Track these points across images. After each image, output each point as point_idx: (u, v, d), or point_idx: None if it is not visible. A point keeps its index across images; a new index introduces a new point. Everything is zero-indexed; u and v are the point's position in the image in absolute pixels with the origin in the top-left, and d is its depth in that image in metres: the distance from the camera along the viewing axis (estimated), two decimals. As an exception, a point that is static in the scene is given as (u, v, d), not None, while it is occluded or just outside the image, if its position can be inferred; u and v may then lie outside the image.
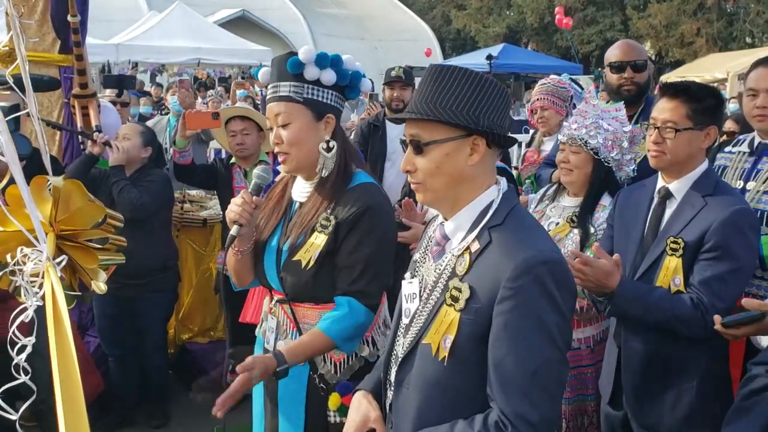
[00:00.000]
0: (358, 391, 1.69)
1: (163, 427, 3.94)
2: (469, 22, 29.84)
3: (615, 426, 2.35)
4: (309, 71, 1.91)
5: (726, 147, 2.70)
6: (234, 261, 2.05)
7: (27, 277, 0.94)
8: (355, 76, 2.00)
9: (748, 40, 24.68)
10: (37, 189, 1.02)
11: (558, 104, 3.85)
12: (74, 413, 0.79)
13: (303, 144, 1.92)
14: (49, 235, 1.00)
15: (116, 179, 3.53)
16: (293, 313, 1.98)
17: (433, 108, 1.41)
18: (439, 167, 1.42)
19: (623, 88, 3.04)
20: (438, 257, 1.50)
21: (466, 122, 1.39)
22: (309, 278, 1.91)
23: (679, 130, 2.14)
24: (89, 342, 3.99)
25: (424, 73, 1.49)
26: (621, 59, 3.06)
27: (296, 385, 1.99)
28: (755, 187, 2.45)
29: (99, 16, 14.51)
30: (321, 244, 1.90)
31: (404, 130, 1.48)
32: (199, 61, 15.55)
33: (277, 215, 2.06)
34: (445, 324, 1.40)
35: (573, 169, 2.64)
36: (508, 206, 1.44)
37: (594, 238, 2.57)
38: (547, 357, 1.32)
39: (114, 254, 1.21)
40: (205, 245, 4.59)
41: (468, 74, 1.43)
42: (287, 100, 1.92)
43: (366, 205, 1.90)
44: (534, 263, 1.32)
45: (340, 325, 1.88)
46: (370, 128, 4.68)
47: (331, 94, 1.96)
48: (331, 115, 1.96)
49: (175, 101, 5.46)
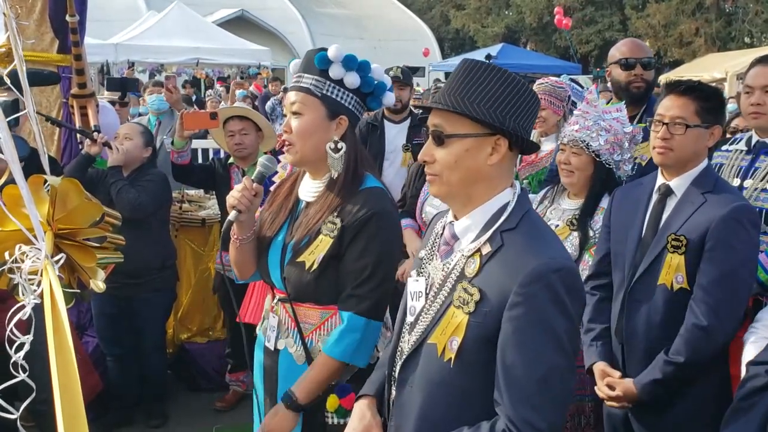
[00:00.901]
0: (362, 398, 1.68)
1: (162, 426, 3.94)
2: (467, 22, 29.85)
3: (617, 424, 2.35)
4: (334, 69, 1.91)
5: (723, 145, 2.71)
6: (234, 250, 2.05)
7: (25, 275, 0.94)
8: (379, 86, 1.99)
9: (747, 40, 24.70)
10: (34, 188, 1.02)
11: (555, 104, 3.85)
12: (73, 411, 0.79)
13: (309, 137, 1.91)
14: (47, 233, 1.00)
15: (114, 179, 3.54)
16: (294, 313, 1.98)
17: (461, 101, 1.39)
18: (458, 161, 1.41)
19: (633, 85, 2.99)
20: (446, 256, 1.49)
21: (492, 120, 1.38)
22: (312, 280, 1.91)
23: (690, 126, 2.15)
24: (87, 342, 3.98)
25: (456, 65, 1.47)
26: (631, 56, 3.01)
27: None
28: (753, 184, 2.46)
29: (97, 15, 14.51)
30: (326, 247, 1.89)
31: (429, 119, 1.46)
32: (197, 60, 15.55)
33: (284, 213, 2.05)
34: (452, 325, 1.40)
35: (574, 171, 2.64)
36: (522, 210, 1.43)
37: (593, 240, 2.57)
38: (556, 364, 1.32)
39: (112, 253, 1.21)
40: (204, 245, 4.59)
41: (502, 73, 1.42)
42: (306, 91, 1.92)
43: (372, 211, 1.88)
44: (546, 270, 1.31)
45: (341, 344, 1.88)
46: (368, 128, 4.70)
47: (350, 97, 1.95)
48: (345, 117, 1.94)
49: (153, 100, 5.44)
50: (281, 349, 2.01)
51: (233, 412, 4.11)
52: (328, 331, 1.94)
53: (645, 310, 2.21)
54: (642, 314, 2.22)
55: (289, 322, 2.00)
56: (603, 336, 2.36)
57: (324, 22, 24.67)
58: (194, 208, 4.82)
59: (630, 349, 2.27)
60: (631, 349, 2.26)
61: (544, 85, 3.97)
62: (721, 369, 2.19)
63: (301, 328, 1.97)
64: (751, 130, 2.62)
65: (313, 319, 1.96)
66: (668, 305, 2.16)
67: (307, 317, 1.97)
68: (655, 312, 2.18)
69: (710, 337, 2.07)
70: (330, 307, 1.94)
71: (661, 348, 2.16)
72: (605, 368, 2.29)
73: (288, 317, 2.00)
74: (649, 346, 2.20)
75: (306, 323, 1.97)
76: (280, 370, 2.02)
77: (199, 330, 4.59)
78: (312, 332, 1.96)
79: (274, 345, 2.03)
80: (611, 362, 2.31)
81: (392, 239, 1.96)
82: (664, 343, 2.16)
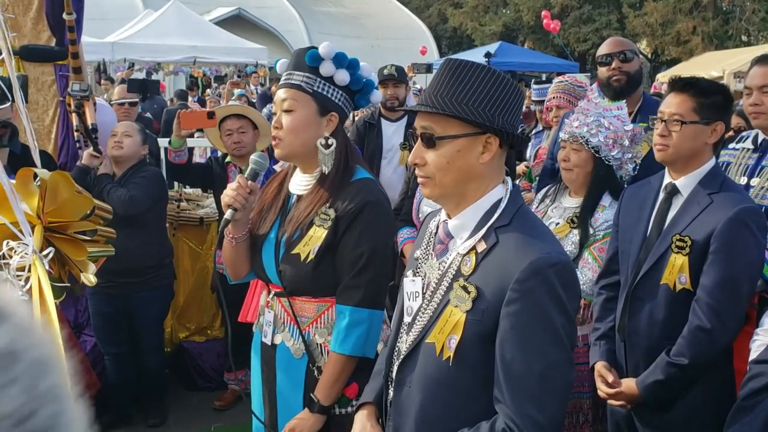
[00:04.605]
0: (362, 408, 1.67)
1: (160, 425, 3.93)
2: (465, 21, 29.84)
3: (620, 421, 2.35)
4: (325, 67, 1.94)
5: (730, 143, 2.70)
6: (229, 250, 2.05)
7: (13, 271, 0.92)
8: (368, 84, 2.03)
9: (744, 39, 24.71)
10: (23, 182, 1.01)
11: (574, 104, 3.84)
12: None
13: (300, 133, 1.94)
14: (37, 227, 0.99)
15: (102, 185, 3.54)
16: (291, 307, 1.98)
17: (449, 102, 1.39)
18: (450, 163, 1.40)
19: (612, 79, 3.04)
20: (441, 255, 1.49)
21: (483, 120, 1.38)
22: (308, 271, 1.92)
23: (686, 122, 2.14)
24: (85, 341, 3.97)
25: (439, 66, 1.47)
26: (607, 52, 3.08)
27: (294, 378, 2.00)
28: (759, 183, 2.46)
29: (94, 14, 14.51)
30: (321, 238, 1.91)
31: (416, 122, 1.46)
32: (194, 59, 15.52)
33: (276, 209, 2.06)
34: (450, 324, 1.39)
35: (573, 168, 2.64)
36: (514, 206, 1.43)
37: (593, 238, 2.56)
38: (555, 358, 1.32)
39: (103, 246, 1.19)
40: (202, 244, 4.58)
41: (486, 71, 1.41)
42: (297, 88, 1.94)
43: (365, 200, 1.91)
44: (542, 265, 1.31)
45: (350, 339, 1.90)
46: (365, 126, 4.71)
47: (340, 94, 1.99)
48: (335, 114, 1.98)
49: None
50: (278, 343, 2.03)
51: (231, 411, 4.10)
52: (325, 324, 1.97)
53: (647, 309, 2.21)
54: (644, 313, 2.21)
55: (285, 317, 2.01)
56: (607, 335, 2.36)
57: (322, 20, 24.64)
58: (192, 206, 4.81)
59: (631, 347, 2.26)
60: (633, 348, 2.26)
61: (564, 83, 3.97)
62: (723, 367, 2.19)
63: (299, 322, 1.98)
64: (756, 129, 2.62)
65: (309, 312, 1.98)
66: (670, 305, 2.16)
67: (303, 310, 1.98)
68: (657, 311, 2.18)
69: (713, 339, 2.06)
70: (325, 300, 1.96)
71: (662, 348, 2.15)
72: (602, 369, 2.29)
73: (284, 311, 2.01)
74: (651, 345, 2.19)
75: (302, 317, 1.98)
76: (278, 365, 2.03)
77: (197, 329, 4.58)
78: (309, 325, 1.98)
79: (270, 340, 2.04)
80: (613, 362, 2.31)
81: (386, 228, 1.99)
82: (665, 342, 2.15)
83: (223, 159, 3.96)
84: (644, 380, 2.16)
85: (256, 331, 2.16)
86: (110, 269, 3.23)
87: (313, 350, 1.97)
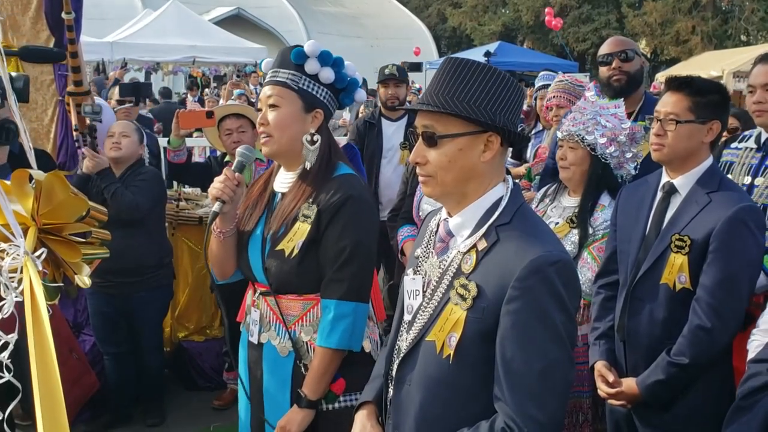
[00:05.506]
0: (362, 407, 1.67)
1: (159, 425, 3.92)
2: (464, 20, 29.85)
3: (619, 421, 2.35)
4: (310, 64, 1.97)
5: (732, 143, 2.70)
6: (216, 246, 2.06)
7: (6, 273, 0.92)
8: (352, 82, 2.05)
9: (743, 38, 24.72)
10: (19, 183, 1.00)
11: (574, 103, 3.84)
12: (52, 407, 0.77)
13: (287, 129, 1.96)
14: (31, 228, 0.98)
15: (106, 183, 3.50)
16: (278, 305, 1.99)
17: (451, 101, 1.39)
18: (452, 161, 1.41)
19: (612, 79, 3.04)
20: (442, 253, 1.49)
21: (484, 118, 1.38)
22: (293, 267, 1.93)
23: (681, 122, 2.14)
24: (84, 341, 3.97)
25: (439, 65, 1.47)
26: (608, 52, 3.08)
27: (281, 374, 2.01)
28: (763, 182, 2.45)
29: (93, 13, 14.51)
30: (304, 233, 1.92)
31: (417, 120, 1.46)
32: (194, 59, 15.53)
33: (261, 207, 2.08)
34: (450, 322, 1.39)
35: (570, 166, 2.63)
36: (515, 205, 1.43)
37: (592, 238, 2.56)
38: (555, 356, 1.32)
39: (98, 248, 1.19)
40: (201, 243, 4.56)
41: (486, 69, 1.41)
42: (282, 85, 1.96)
43: (347, 194, 1.92)
44: (543, 264, 1.31)
45: (335, 333, 1.90)
46: (365, 126, 4.72)
47: (325, 92, 2.01)
48: (320, 111, 2.00)
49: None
50: (264, 342, 2.04)
51: (231, 411, 4.09)
52: (311, 322, 1.98)
53: (647, 309, 2.20)
54: (644, 313, 2.21)
55: (271, 316, 2.02)
56: (606, 335, 2.36)
57: (321, 20, 24.63)
58: (191, 206, 4.80)
59: (631, 347, 2.26)
60: (632, 347, 2.26)
61: (564, 82, 3.97)
62: (723, 367, 2.19)
63: (285, 320, 1.98)
64: (758, 128, 2.62)
65: (295, 310, 1.99)
66: (670, 305, 2.15)
67: (289, 309, 1.99)
68: (657, 311, 2.18)
69: (713, 339, 2.06)
70: (311, 297, 1.97)
71: (662, 347, 2.15)
72: (602, 369, 2.29)
73: (270, 310, 2.02)
74: (650, 344, 2.19)
75: (288, 315, 1.99)
76: (265, 364, 2.04)
77: (196, 328, 4.58)
78: (295, 323, 1.99)
79: (257, 339, 2.05)
80: (612, 361, 2.30)
81: (369, 222, 2.01)
82: (665, 342, 2.15)
83: (222, 158, 3.96)
84: (645, 380, 2.16)
85: (243, 330, 2.17)
86: (109, 269, 3.23)
87: (300, 348, 1.98)
